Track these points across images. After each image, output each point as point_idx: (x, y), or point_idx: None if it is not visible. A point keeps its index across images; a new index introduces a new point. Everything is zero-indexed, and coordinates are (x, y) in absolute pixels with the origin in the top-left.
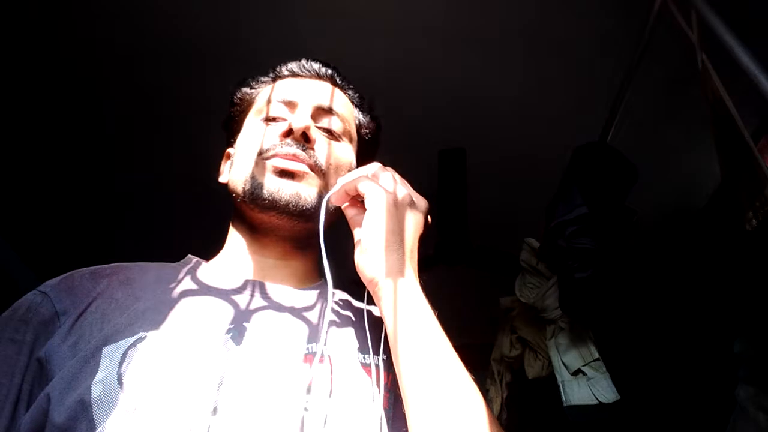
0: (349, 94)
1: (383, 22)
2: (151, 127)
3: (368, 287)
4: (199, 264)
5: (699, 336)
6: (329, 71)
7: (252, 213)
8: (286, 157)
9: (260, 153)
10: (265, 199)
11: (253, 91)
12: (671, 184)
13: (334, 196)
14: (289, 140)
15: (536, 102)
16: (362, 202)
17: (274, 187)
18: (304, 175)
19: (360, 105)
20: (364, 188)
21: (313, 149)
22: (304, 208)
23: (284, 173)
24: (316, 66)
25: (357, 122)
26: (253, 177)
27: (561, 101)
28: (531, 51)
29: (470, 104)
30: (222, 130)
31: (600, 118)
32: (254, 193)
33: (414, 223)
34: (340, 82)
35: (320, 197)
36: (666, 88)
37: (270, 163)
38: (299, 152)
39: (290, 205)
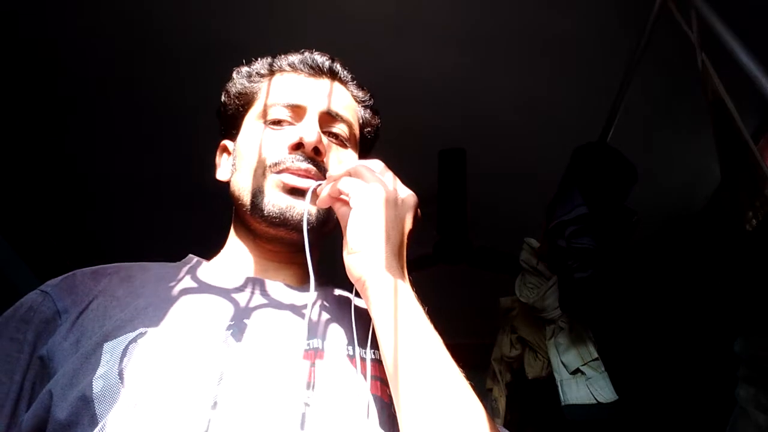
0: (351, 90)
1: (383, 21)
2: (144, 123)
3: (356, 286)
4: (200, 263)
5: (699, 336)
6: (332, 66)
7: (258, 225)
8: (297, 172)
9: (268, 165)
10: (275, 218)
11: (252, 85)
12: (671, 184)
13: (321, 201)
14: (299, 154)
15: (536, 102)
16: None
17: (285, 205)
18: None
19: (363, 100)
20: (346, 188)
21: (323, 162)
22: (314, 225)
23: (294, 191)
24: (319, 61)
25: (360, 121)
26: (261, 191)
27: (561, 101)
28: (531, 51)
29: (470, 104)
30: (216, 118)
31: (600, 118)
32: (263, 209)
33: (402, 220)
34: (342, 78)
35: (329, 209)
36: (666, 88)
37: (280, 179)
38: (311, 167)
39: (301, 222)
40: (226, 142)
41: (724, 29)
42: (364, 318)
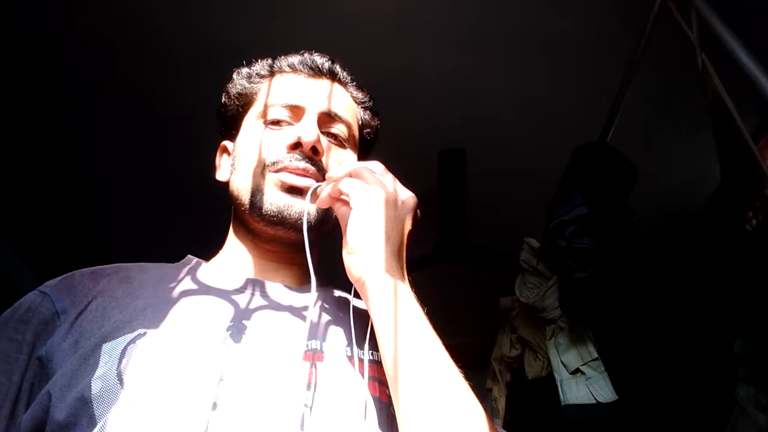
0: (351, 91)
1: (383, 21)
2: (144, 123)
3: (356, 286)
4: (199, 264)
5: (699, 336)
6: (332, 67)
7: (256, 224)
8: (295, 171)
9: (267, 164)
10: (273, 216)
11: (252, 86)
12: (671, 184)
13: (321, 201)
14: (297, 153)
15: (536, 102)
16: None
17: (282, 204)
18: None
19: (362, 102)
20: (347, 188)
21: (321, 161)
22: (313, 224)
23: (293, 189)
24: (318, 62)
25: (359, 123)
26: (259, 190)
27: (561, 101)
28: (531, 51)
29: (470, 104)
30: (216, 119)
31: (600, 118)
32: (261, 208)
33: (402, 221)
34: (342, 79)
35: (328, 209)
36: (666, 88)
37: (278, 177)
38: (309, 167)
39: (299, 221)
40: (226, 143)
41: (724, 29)
42: (363, 319)
